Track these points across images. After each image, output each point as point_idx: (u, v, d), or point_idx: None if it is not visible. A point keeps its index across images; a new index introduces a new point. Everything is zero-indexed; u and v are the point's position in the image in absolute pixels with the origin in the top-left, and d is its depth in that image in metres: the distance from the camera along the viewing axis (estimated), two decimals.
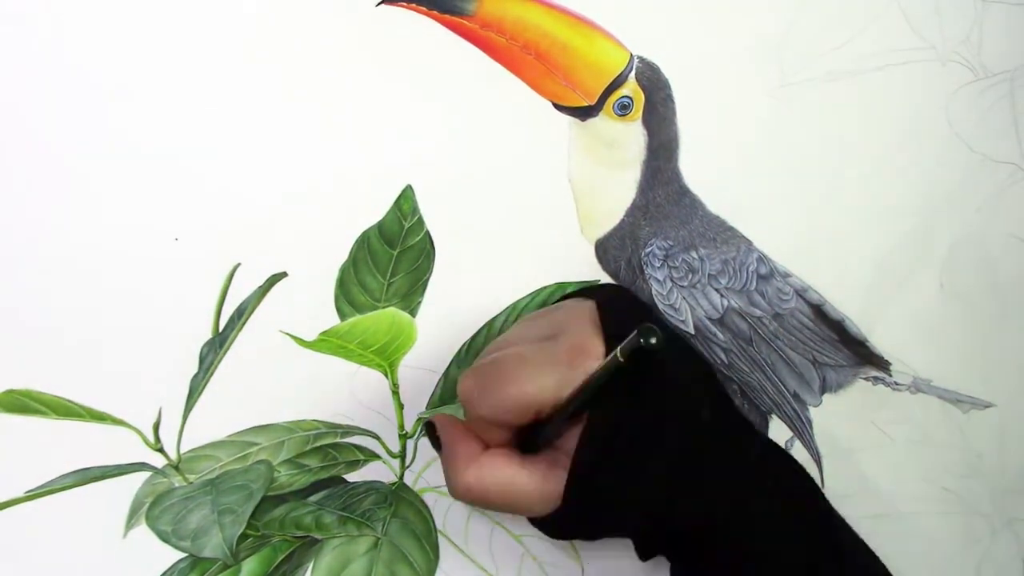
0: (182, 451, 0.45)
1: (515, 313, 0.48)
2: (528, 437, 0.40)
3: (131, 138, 0.44)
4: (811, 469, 0.51)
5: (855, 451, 0.51)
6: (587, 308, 0.39)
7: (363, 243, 0.46)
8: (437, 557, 0.47)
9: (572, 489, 0.37)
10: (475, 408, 0.38)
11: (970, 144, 0.50)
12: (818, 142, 0.49)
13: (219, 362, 0.45)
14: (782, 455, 0.42)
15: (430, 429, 0.42)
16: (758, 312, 0.49)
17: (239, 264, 0.45)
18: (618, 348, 0.33)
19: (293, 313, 0.45)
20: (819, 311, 0.49)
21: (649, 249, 0.48)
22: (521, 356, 0.38)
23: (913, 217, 0.50)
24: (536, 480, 0.38)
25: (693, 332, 0.48)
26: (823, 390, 0.50)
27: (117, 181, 0.44)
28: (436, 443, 0.42)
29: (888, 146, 0.49)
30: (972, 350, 0.51)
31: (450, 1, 0.44)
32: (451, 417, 0.42)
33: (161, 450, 0.45)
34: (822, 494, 0.41)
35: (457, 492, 0.39)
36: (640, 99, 0.47)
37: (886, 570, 0.41)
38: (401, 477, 0.48)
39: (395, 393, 0.47)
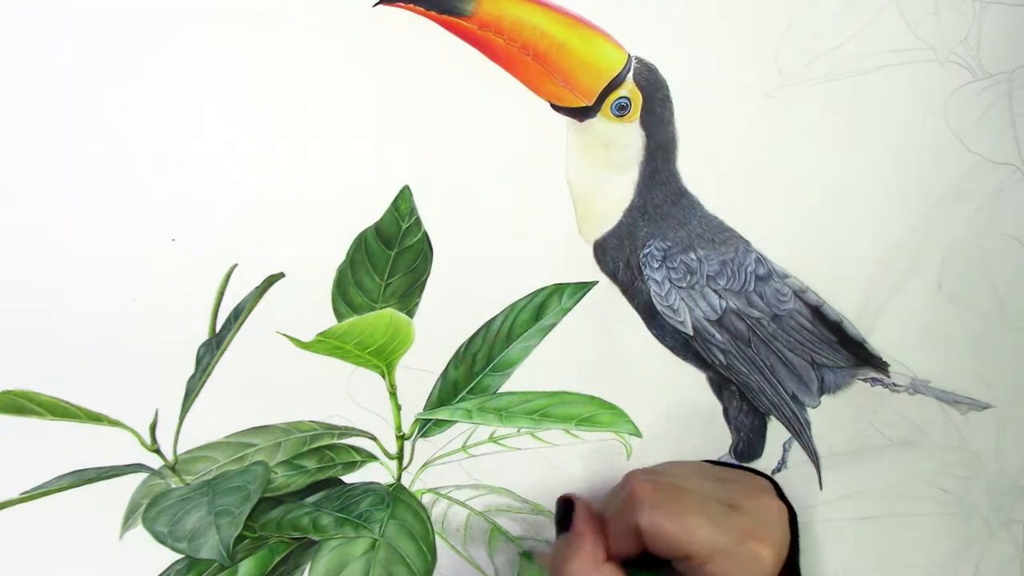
0: (179, 452, 0.45)
1: (513, 314, 0.47)
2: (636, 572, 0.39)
3: (128, 138, 0.44)
4: (809, 470, 0.51)
5: (853, 452, 0.51)
6: (779, 506, 0.39)
7: (360, 244, 0.46)
8: (434, 559, 0.47)
9: None
10: (638, 516, 0.38)
11: (968, 145, 0.50)
12: (816, 143, 0.49)
13: (216, 363, 0.45)
14: None
15: (566, 507, 0.42)
16: (756, 313, 0.49)
17: (236, 265, 0.45)
18: None
19: (290, 314, 0.45)
20: (817, 312, 0.49)
21: (647, 250, 0.48)
22: (705, 504, 0.38)
23: (911, 218, 0.50)
24: None
25: (691, 333, 0.48)
26: (821, 391, 0.50)
27: (114, 182, 0.44)
28: (564, 523, 0.41)
29: (886, 147, 0.49)
30: (970, 351, 0.51)
31: (448, 1, 0.44)
32: (590, 504, 0.42)
33: (158, 451, 0.45)
34: None
35: None
36: (638, 100, 0.47)
37: None
38: (398, 478, 0.48)
39: (392, 394, 0.47)
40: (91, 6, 0.43)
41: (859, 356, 0.50)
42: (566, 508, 0.42)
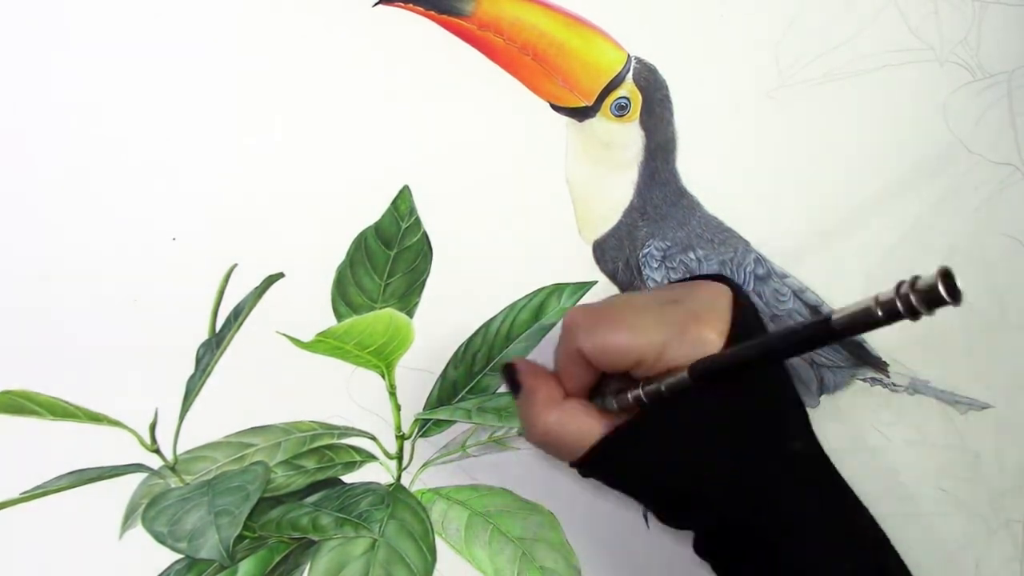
0: (178, 452, 0.45)
1: (512, 314, 0.47)
2: (601, 394, 0.39)
3: (129, 138, 0.44)
4: None
5: (853, 452, 0.51)
6: (719, 288, 0.38)
7: (360, 244, 0.46)
8: (434, 559, 0.47)
9: (637, 427, 0.36)
10: (577, 341, 0.37)
11: (968, 145, 0.50)
12: (816, 143, 0.49)
13: (216, 363, 0.45)
14: (854, 499, 0.41)
15: (509, 371, 0.41)
16: None
17: (236, 265, 0.45)
18: (906, 283, 0.28)
19: (290, 314, 0.45)
20: (817, 312, 0.49)
21: (647, 250, 0.48)
22: (638, 306, 0.37)
23: (911, 218, 0.50)
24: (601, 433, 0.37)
25: None
26: (821, 391, 0.50)
27: (114, 182, 0.44)
28: (514, 385, 0.41)
29: (886, 147, 0.49)
30: (970, 351, 0.51)
31: (448, 1, 0.44)
32: (532, 362, 0.41)
33: (157, 451, 0.45)
34: (882, 531, 0.40)
35: (535, 434, 0.39)
36: (638, 100, 0.47)
37: None
38: (398, 478, 0.48)
39: (392, 394, 0.47)
40: (92, 5, 0.43)
41: (859, 356, 0.50)
42: (510, 374, 0.41)
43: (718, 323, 0.36)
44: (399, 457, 0.48)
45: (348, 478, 0.47)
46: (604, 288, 0.48)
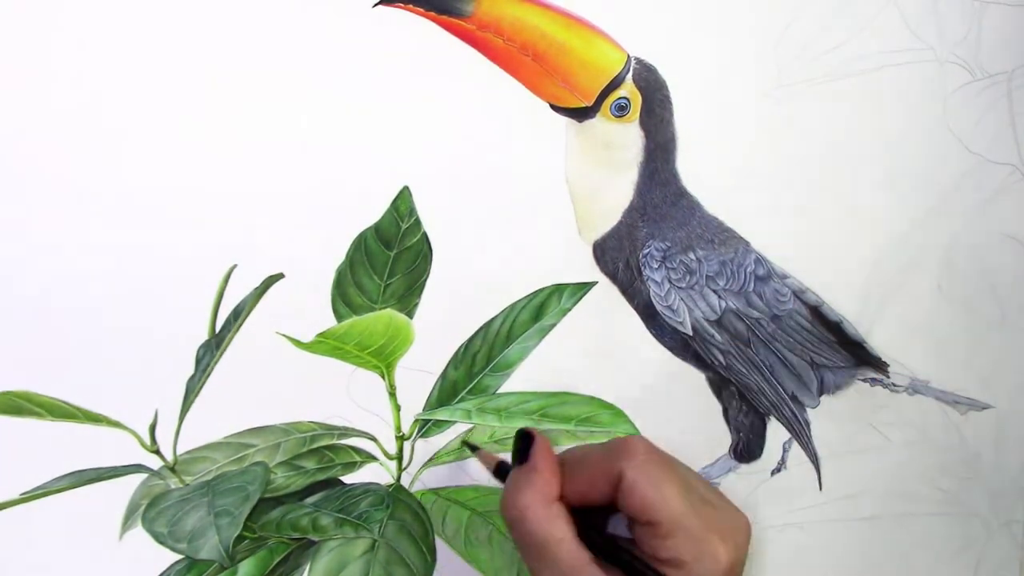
0: (178, 453, 0.45)
1: (512, 314, 0.47)
2: (589, 525, 0.39)
3: (128, 138, 0.44)
4: (809, 471, 0.51)
5: (853, 453, 0.51)
6: (746, 522, 0.40)
7: (360, 244, 0.46)
8: (434, 559, 0.47)
9: None
10: (627, 463, 0.38)
11: (968, 145, 0.50)
12: (816, 143, 0.49)
13: (215, 364, 0.45)
14: None
15: (525, 440, 0.41)
16: (756, 313, 0.49)
17: (235, 265, 0.45)
18: None
19: (290, 314, 0.45)
20: (817, 312, 0.49)
21: (647, 250, 0.48)
22: (687, 486, 0.38)
23: (911, 218, 0.50)
24: (575, 566, 0.37)
25: (691, 333, 0.48)
26: (821, 391, 0.50)
27: (114, 181, 0.44)
28: (523, 455, 0.40)
29: (886, 147, 0.49)
30: (970, 351, 0.51)
31: (447, 2, 0.44)
32: (548, 442, 0.41)
33: (157, 452, 0.45)
34: None
35: (513, 510, 0.39)
36: (637, 100, 0.47)
37: None
38: (398, 479, 0.48)
39: (392, 395, 0.47)
40: (92, 6, 0.43)
41: (859, 356, 0.50)
42: (525, 442, 0.41)
43: (736, 548, 0.37)
44: (399, 458, 0.48)
45: (348, 479, 0.47)
46: (604, 288, 0.48)
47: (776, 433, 0.50)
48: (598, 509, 0.39)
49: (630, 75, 0.46)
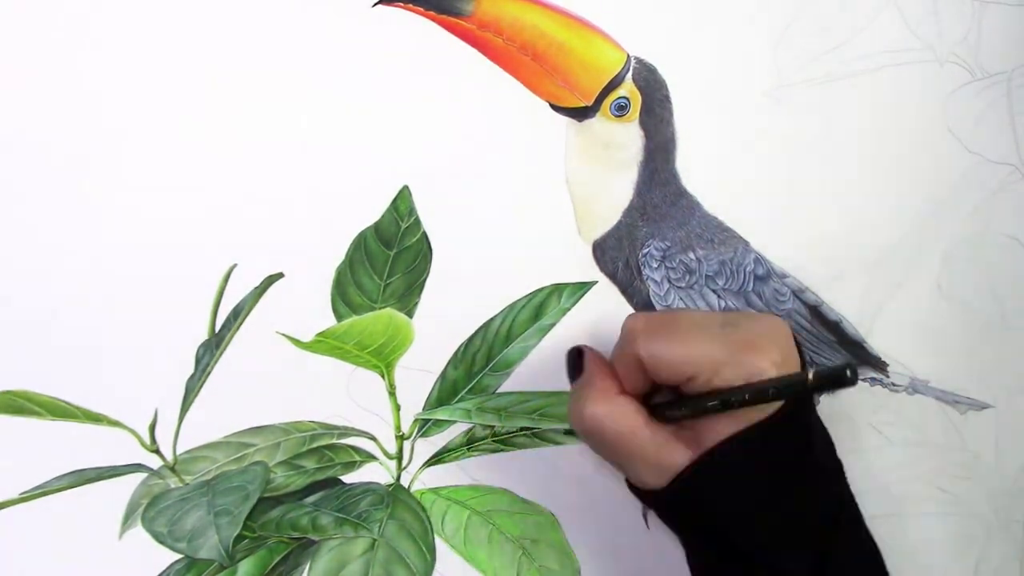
0: (178, 452, 0.45)
1: (512, 314, 0.47)
2: (656, 405, 0.39)
3: (128, 138, 0.44)
4: None
5: (853, 452, 0.51)
6: (776, 320, 0.39)
7: (360, 244, 0.46)
8: (434, 559, 0.47)
9: (690, 480, 0.37)
10: (635, 347, 0.38)
11: (967, 145, 0.50)
12: (816, 143, 0.49)
13: (215, 363, 0.45)
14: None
15: (575, 354, 0.42)
16: None
17: (235, 265, 0.45)
18: (812, 369, 0.35)
19: (290, 314, 0.45)
20: (816, 312, 0.49)
21: (647, 250, 0.48)
22: (698, 323, 0.38)
23: (910, 218, 0.50)
24: (656, 445, 0.38)
25: None
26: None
27: (114, 181, 0.44)
28: (574, 370, 0.42)
29: (885, 147, 0.49)
30: (970, 351, 0.51)
31: (447, 1, 0.44)
32: (597, 351, 0.42)
33: (157, 451, 0.45)
34: None
35: (583, 421, 0.39)
36: (637, 100, 0.47)
37: None
38: (398, 478, 0.48)
39: (392, 394, 0.47)
40: (91, 6, 0.43)
41: (858, 356, 0.50)
42: (578, 357, 0.42)
43: (774, 353, 0.37)
44: (399, 457, 0.48)
45: (348, 478, 0.47)
46: (604, 288, 0.48)
47: None
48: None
49: (630, 75, 0.46)
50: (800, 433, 0.38)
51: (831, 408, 0.50)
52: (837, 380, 0.34)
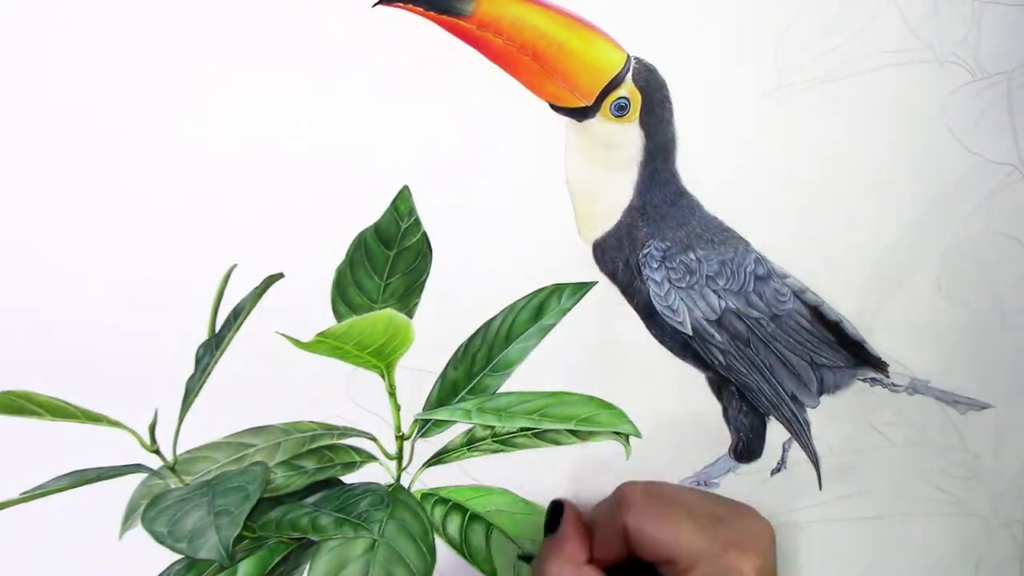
0: (178, 452, 0.45)
1: (512, 314, 0.47)
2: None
3: (127, 138, 0.44)
4: (808, 470, 0.51)
5: (853, 452, 0.51)
6: (767, 527, 0.41)
7: (360, 244, 0.46)
8: (434, 559, 0.47)
9: None
10: (626, 518, 0.39)
11: (967, 145, 0.50)
12: (816, 143, 0.49)
13: (215, 363, 0.45)
14: None
15: (555, 510, 0.43)
16: (756, 313, 0.49)
17: (235, 265, 0.45)
18: None
19: (289, 314, 0.45)
20: (817, 312, 0.49)
21: (647, 250, 0.48)
22: (691, 509, 0.39)
23: (910, 218, 0.50)
24: None
25: (691, 333, 0.48)
26: (821, 391, 0.50)
27: (113, 180, 0.44)
28: (552, 525, 0.43)
29: (885, 147, 0.49)
30: (970, 351, 0.51)
31: (447, 1, 0.44)
32: (578, 510, 0.43)
33: (157, 451, 0.45)
34: None
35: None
36: (637, 100, 0.47)
37: None
38: (398, 479, 0.48)
39: (392, 395, 0.47)
40: (91, 5, 0.43)
41: (858, 356, 0.50)
42: (555, 511, 0.43)
43: (758, 558, 0.38)
44: (399, 457, 0.48)
45: (348, 478, 0.47)
46: (604, 288, 0.48)
47: (776, 433, 0.50)
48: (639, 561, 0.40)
49: (630, 75, 0.46)
50: None
51: (832, 408, 0.50)
52: None
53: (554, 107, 0.46)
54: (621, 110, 0.46)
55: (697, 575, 0.37)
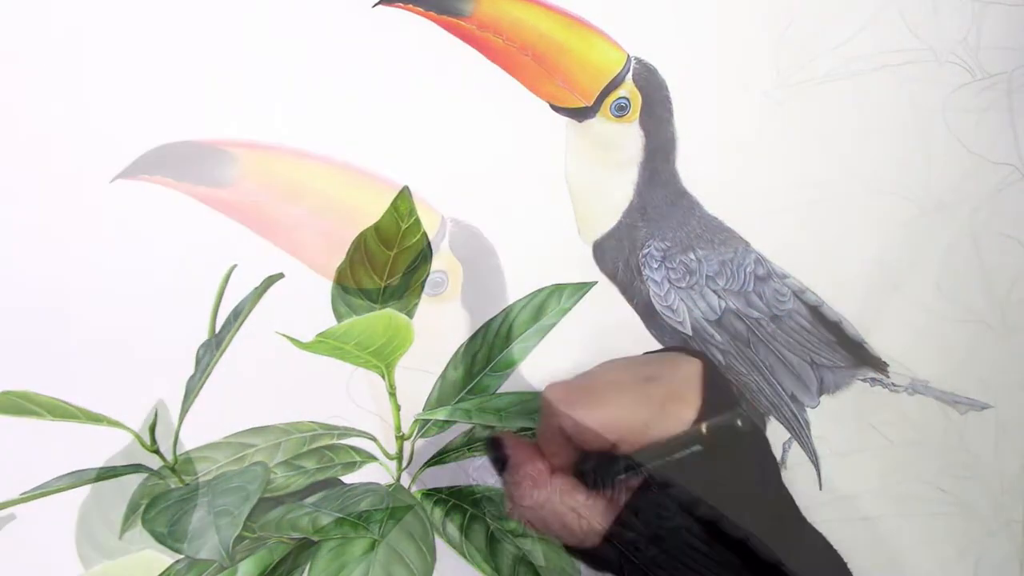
0: (178, 453, 0.45)
1: (512, 314, 0.47)
2: (583, 471, 0.39)
3: (127, 137, 0.44)
4: (809, 470, 0.51)
5: (853, 452, 0.51)
6: (695, 364, 0.39)
7: (360, 244, 0.46)
8: (434, 559, 0.47)
9: (617, 539, 0.37)
10: (558, 419, 0.38)
11: (967, 145, 0.50)
12: (816, 143, 0.49)
13: (215, 364, 0.45)
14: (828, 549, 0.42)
15: (496, 447, 0.41)
16: (756, 313, 0.49)
17: (235, 265, 0.45)
18: (705, 423, 0.36)
19: (290, 314, 0.45)
20: (817, 312, 0.49)
21: (647, 250, 0.48)
22: (618, 384, 0.38)
23: (910, 218, 0.50)
24: (597, 516, 0.38)
25: (691, 333, 0.48)
26: (821, 391, 0.50)
27: (113, 182, 0.44)
28: (500, 462, 0.41)
29: (885, 147, 0.49)
30: (969, 351, 0.51)
31: (447, 2, 0.44)
32: (516, 436, 0.41)
33: (157, 452, 0.45)
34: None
35: (523, 511, 0.39)
36: (637, 100, 0.47)
37: None
38: (398, 479, 0.48)
39: (392, 395, 0.47)
40: (91, 4, 0.43)
41: (858, 356, 0.50)
42: (496, 447, 0.41)
43: (695, 400, 0.37)
44: (399, 457, 0.48)
45: (348, 478, 0.47)
46: (604, 288, 0.48)
47: (776, 433, 0.50)
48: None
49: (630, 75, 0.46)
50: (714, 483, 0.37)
51: (832, 408, 0.50)
52: (728, 428, 0.36)
53: (554, 107, 0.46)
54: (621, 110, 0.46)
55: (646, 439, 0.36)
